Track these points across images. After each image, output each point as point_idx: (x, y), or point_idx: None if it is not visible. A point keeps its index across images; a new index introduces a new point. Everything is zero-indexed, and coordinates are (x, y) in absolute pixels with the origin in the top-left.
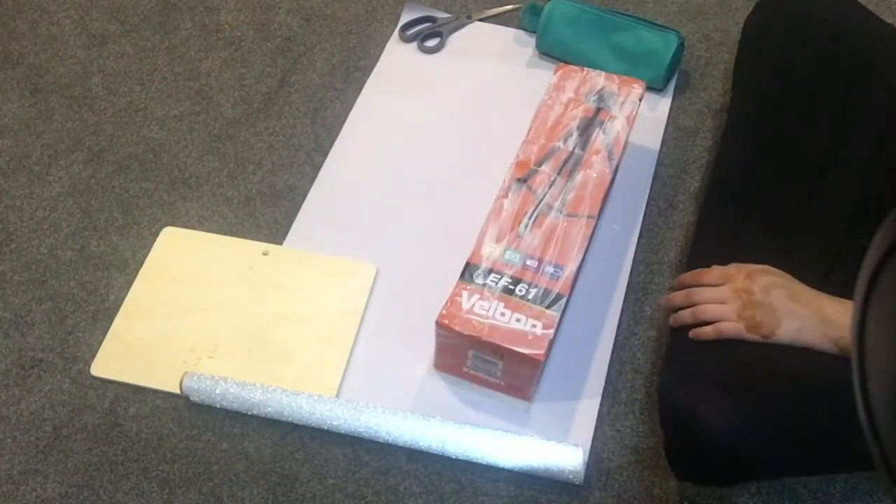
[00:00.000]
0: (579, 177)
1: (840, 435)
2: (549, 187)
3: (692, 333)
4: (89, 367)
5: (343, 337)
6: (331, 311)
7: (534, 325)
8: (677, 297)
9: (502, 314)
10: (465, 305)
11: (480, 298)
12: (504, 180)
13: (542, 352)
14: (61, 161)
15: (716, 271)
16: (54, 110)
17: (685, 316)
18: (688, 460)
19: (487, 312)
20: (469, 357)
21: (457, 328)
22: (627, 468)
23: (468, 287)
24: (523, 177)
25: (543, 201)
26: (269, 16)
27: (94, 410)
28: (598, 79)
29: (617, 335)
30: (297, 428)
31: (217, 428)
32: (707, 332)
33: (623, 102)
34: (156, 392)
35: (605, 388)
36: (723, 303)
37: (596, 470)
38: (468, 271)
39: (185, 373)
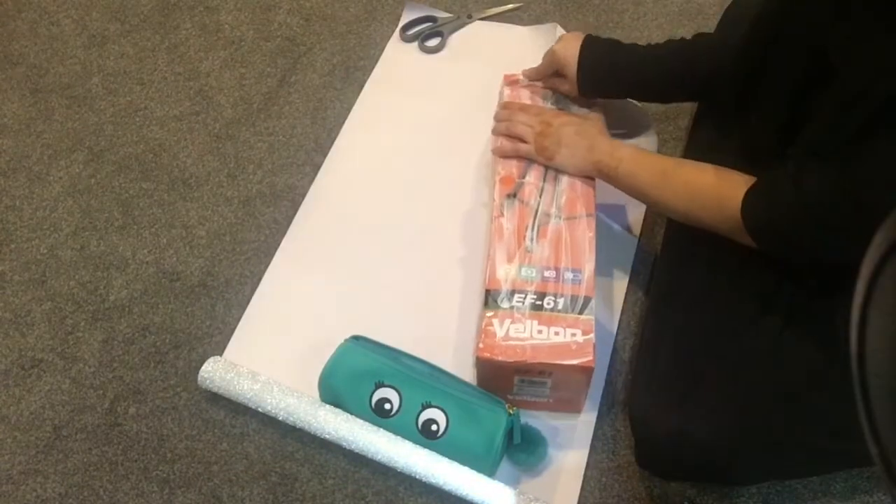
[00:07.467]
0: (565, 179)
1: (795, 435)
2: (541, 196)
3: (494, 149)
4: (89, 366)
5: None
6: None
7: (573, 334)
8: (502, 115)
9: (539, 331)
10: (500, 333)
11: (512, 322)
12: (494, 199)
13: (591, 357)
14: (61, 161)
15: (535, 108)
16: (54, 110)
17: (500, 129)
18: (659, 463)
19: (524, 334)
20: (515, 383)
21: (499, 358)
22: (627, 468)
23: (497, 313)
24: (512, 192)
25: (540, 211)
26: (269, 16)
27: (94, 410)
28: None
29: (617, 335)
30: (298, 428)
31: (217, 428)
32: (506, 147)
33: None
34: (155, 392)
35: (604, 388)
36: (529, 128)
37: (596, 469)
38: (490, 298)
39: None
